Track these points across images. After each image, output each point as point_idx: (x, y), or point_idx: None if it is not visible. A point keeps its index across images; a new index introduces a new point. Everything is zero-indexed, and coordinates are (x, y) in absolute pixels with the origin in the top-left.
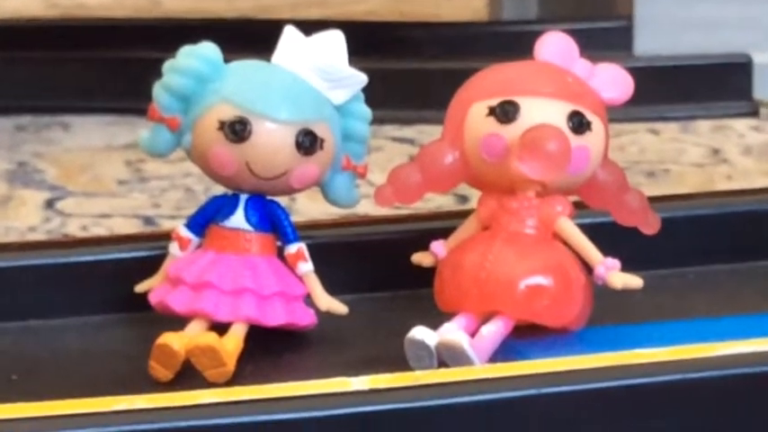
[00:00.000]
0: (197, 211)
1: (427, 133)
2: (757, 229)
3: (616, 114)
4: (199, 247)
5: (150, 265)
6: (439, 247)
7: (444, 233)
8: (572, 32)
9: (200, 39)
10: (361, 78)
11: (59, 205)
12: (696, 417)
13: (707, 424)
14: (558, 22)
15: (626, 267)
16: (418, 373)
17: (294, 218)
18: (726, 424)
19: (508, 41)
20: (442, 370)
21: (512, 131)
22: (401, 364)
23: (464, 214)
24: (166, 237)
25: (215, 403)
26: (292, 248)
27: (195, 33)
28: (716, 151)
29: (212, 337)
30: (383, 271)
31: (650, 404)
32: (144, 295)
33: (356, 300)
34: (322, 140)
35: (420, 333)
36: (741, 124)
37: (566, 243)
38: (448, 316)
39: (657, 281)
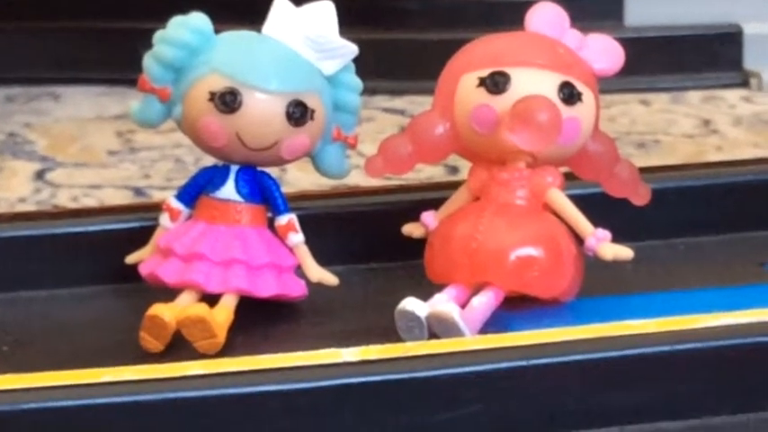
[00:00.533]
0: (187, 182)
1: (418, 104)
2: (747, 200)
3: (606, 85)
4: (189, 218)
5: (141, 237)
6: (429, 217)
7: (435, 204)
8: (562, 3)
9: (191, 9)
10: (352, 49)
11: (49, 176)
12: (685, 387)
13: (696, 394)
14: None
15: (616, 238)
16: (409, 344)
17: (285, 189)
18: (715, 394)
19: (499, 12)
20: (433, 341)
21: (502, 102)
22: (392, 336)
23: (455, 185)
24: (157, 208)
25: (204, 374)
26: (283, 219)
27: (185, 3)
28: (706, 122)
29: (203, 309)
30: (374, 242)
31: (640, 375)
32: (134, 266)
33: (347, 271)
34: (312, 111)
35: (410, 304)
36: (732, 95)
37: (556, 214)
38: (438, 287)
39: (648, 252)
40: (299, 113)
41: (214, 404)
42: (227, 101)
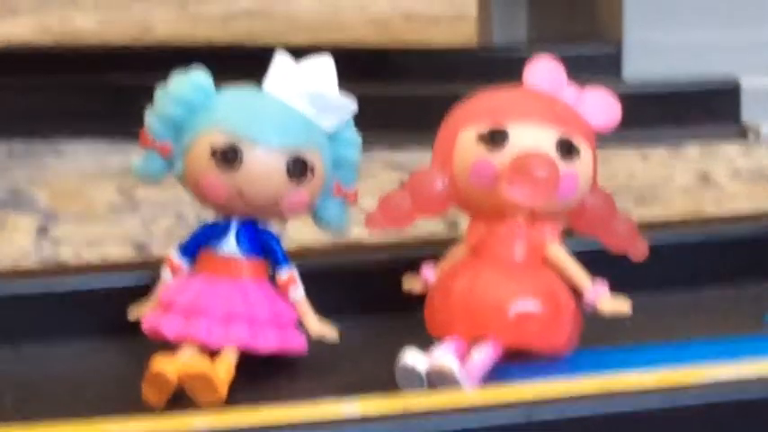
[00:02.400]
0: (189, 237)
1: (417, 159)
2: (744, 253)
3: (604, 139)
4: (191, 272)
5: (143, 291)
6: (429, 271)
7: (435, 259)
8: (561, 58)
9: (192, 64)
10: (351, 105)
11: (52, 231)
12: None
13: None
14: (547, 48)
15: (614, 290)
16: (409, 397)
17: (285, 243)
18: None
19: (497, 67)
20: (433, 395)
21: (501, 157)
22: (392, 388)
23: (455, 240)
24: (158, 263)
25: (208, 430)
26: (284, 274)
27: (186, 59)
28: (705, 175)
29: (205, 365)
30: (374, 296)
31: (638, 430)
32: (137, 321)
33: (347, 324)
34: (312, 167)
35: (411, 359)
36: (730, 148)
37: (554, 268)
38: (438, 340)
39: (645, 304)
40: (299, 169)
41: None
42: (229, 157)
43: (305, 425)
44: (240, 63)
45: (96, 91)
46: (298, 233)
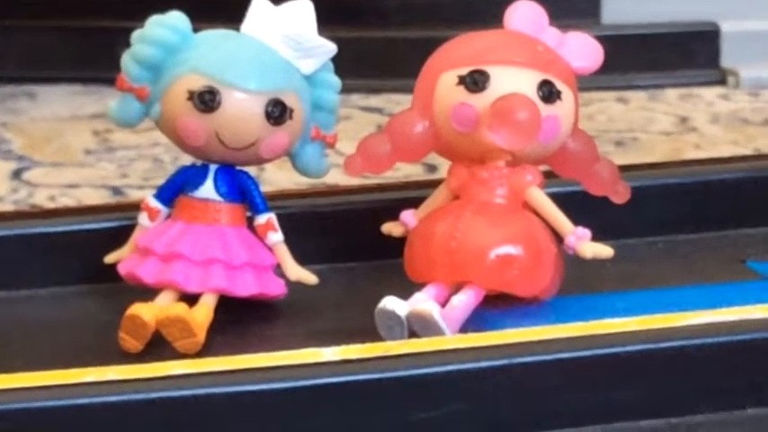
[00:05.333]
0: (166, 181)
1: (396, 102)
2: (725, 198)
3: (584, 83)
4: (168, 217)
5: (119, 236)
6: (409, 216)
7: (414, 203)
8: (541, 1)
9: (169, 8)
10: (331, 48)
11: (26, 175)
12: (667, 386)
13: (677, 393)
14: None
15: (596, 236)
16: (389, 343)
17: (263, 188)
18: (696, 393)
19: (478, 10)
20: (413, 340)
21: (482, 100)
22: (372, 335)
23: (434, 184)
24: (135, 207)
25: (186, 374)
26: (262, 219)
27: (164, 2)
28: (684, 120)
29: (182, 308)
30: (353, 241)
31: (621, 373)
32: (113, 266)
33: (326, 270)
34: (291, 110)
35: (391, 303)
36: (709, 93)
37: (536, 212)
38: (418, 286)
39: (627, 250)
40: (278, 112)
41: (198, 403)
42: (206, 100)
43: (284, 368)
44: (218, 6)
45: (71, 34)
46: (276, 177)
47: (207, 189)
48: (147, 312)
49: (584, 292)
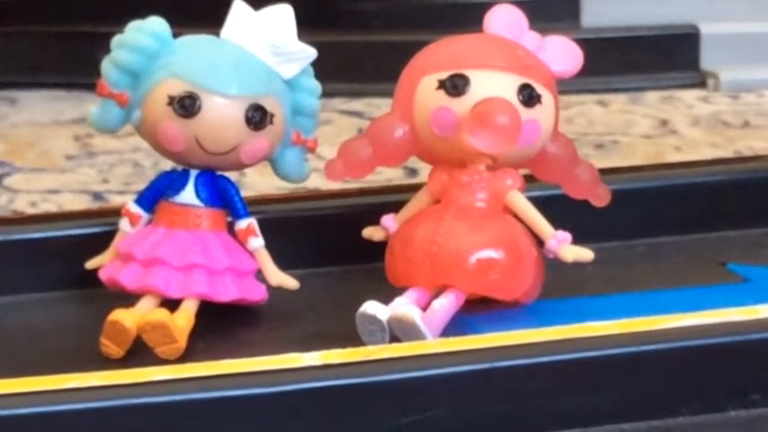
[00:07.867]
0: (147, 186)
1: (376, 106)
2: (706, 200)
3: (564, 86)
4: (149, 222)
5: (100, 242)
6: (389, 221)
7: (395, 207)
8: (520, 4)
9: (149, 13)
10: (311, 52)
11: (7, 181)
12: (648, 389)
13: (658, 396)
14: None
15: (576, 240)
16: (370, 348)
17: (244, 193)
18: (677, 396)
19: (457, 14)
20: (394, 345)
21: (462, 105)
22: (353, 339)
23: (415, 188)
24: (116, 213)
25: (167, 380)
26: (243, 224)
27: (143, 7)
28: (664, 122)
29: (163, 314)
30: (334, 245)
31: (602, 377)
32: (94, 272)
33: (307, 274)
34: (272, 115)
35: (372, 307)
36: (689, 95)
37: (517, 216)
38: (399, 290)
39: (608, 253)
40: (258, 117)
41: (179, 409)
42: (186, 105)
43: (265, 373)
44: (198, 11)
45: (52, 39)
46: (257, 182)
47: (187, 194)
48: (128, 318)
49: (565, 295)
